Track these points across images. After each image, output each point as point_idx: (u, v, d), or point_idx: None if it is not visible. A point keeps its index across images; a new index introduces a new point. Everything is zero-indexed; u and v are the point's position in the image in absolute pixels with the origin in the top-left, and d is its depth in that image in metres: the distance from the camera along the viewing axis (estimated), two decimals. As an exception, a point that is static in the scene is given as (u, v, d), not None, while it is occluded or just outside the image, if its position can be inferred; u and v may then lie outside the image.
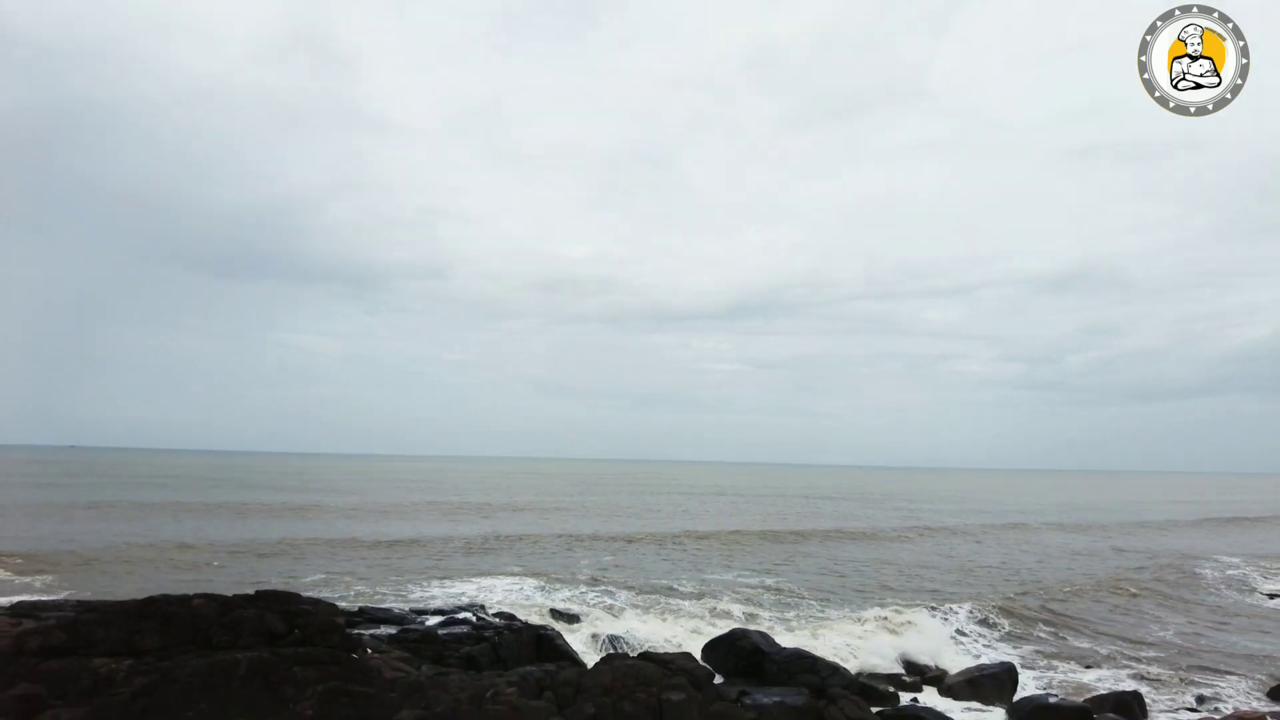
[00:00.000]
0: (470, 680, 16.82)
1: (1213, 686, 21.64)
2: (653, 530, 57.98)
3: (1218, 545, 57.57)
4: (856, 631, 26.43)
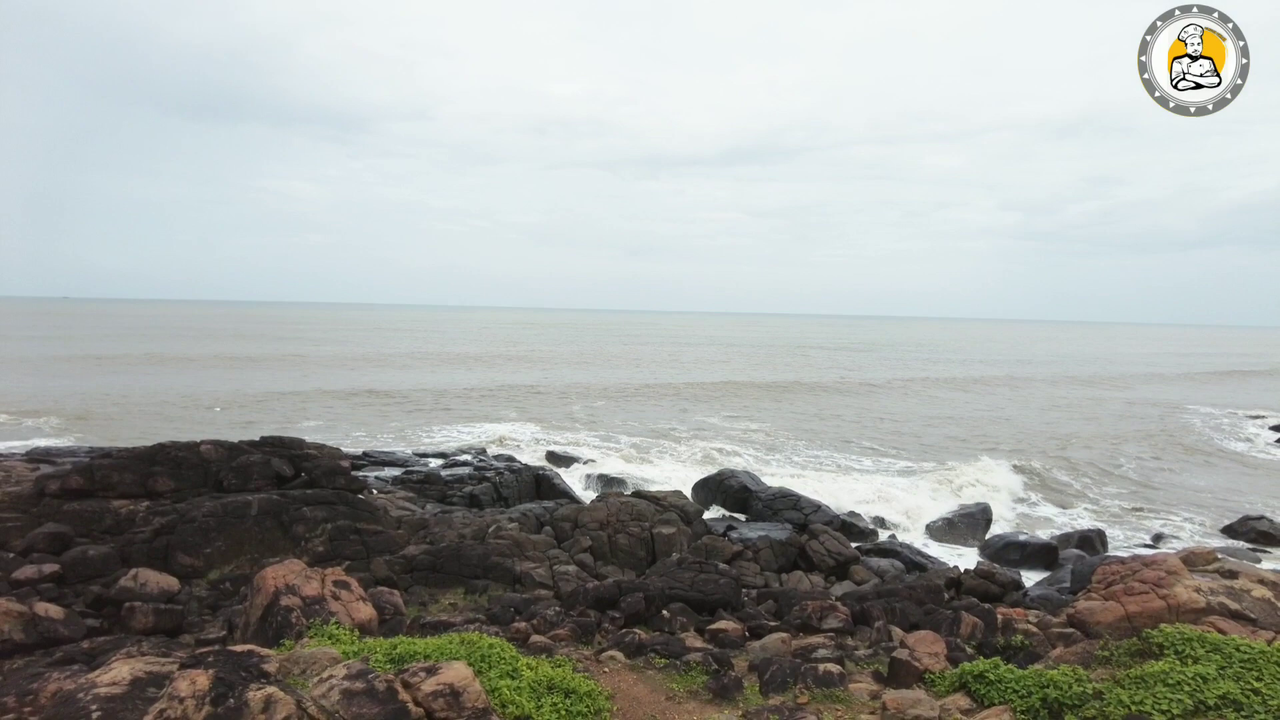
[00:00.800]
0: (473, 517, 17.77)
1: (1171, 523, 22.96)
2: (647, 379, 59.26)
3: (1204, 396, 59.24)
4: (840, 476, 27.65)
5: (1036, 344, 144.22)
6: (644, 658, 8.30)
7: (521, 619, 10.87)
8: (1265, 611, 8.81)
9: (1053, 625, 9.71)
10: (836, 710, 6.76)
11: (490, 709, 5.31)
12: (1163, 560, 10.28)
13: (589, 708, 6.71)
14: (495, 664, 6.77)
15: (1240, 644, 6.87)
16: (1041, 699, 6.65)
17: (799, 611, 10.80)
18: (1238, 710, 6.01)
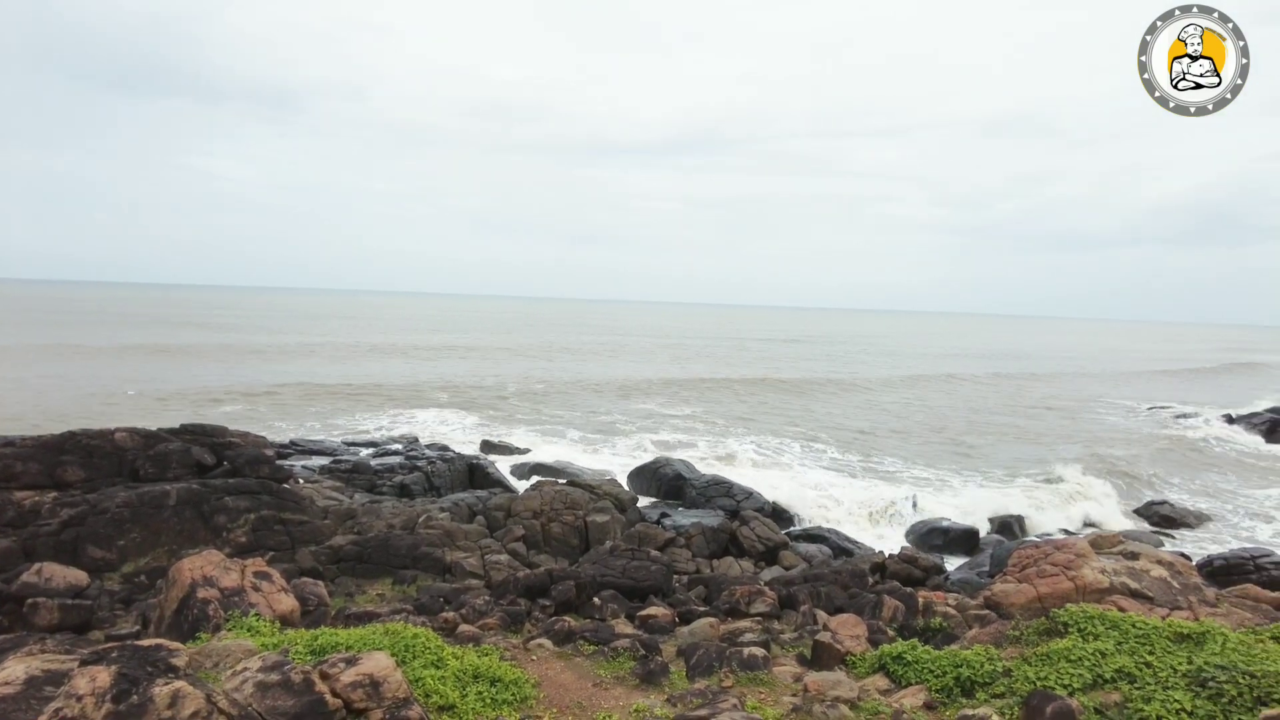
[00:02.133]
0: (403, 506, 17.50)
1: (1087, 509, 24.02)
2: (587, 368, 59.18)
3: (1124, 391, 62.07)
4: (773, 463, 28.15)
5: (966, 338, 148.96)
6: (572, 645, 8.32)
7: (450, 609, 10.76)
8: (1162, 590, 9.31)
9: (970, 607, 10.08)
10: (760, 693, 6.90)
11: (411, 699, 5.25)
12: (1072, 544, 10.77)
13: (515, 696, 6.70)
14: (419, 654, 6.70)
15: (1136, 621, 7.24)
16: (955, 678, 6.90)
17: (728, 596, 10.97)
18: (1131, 682, 6.34)
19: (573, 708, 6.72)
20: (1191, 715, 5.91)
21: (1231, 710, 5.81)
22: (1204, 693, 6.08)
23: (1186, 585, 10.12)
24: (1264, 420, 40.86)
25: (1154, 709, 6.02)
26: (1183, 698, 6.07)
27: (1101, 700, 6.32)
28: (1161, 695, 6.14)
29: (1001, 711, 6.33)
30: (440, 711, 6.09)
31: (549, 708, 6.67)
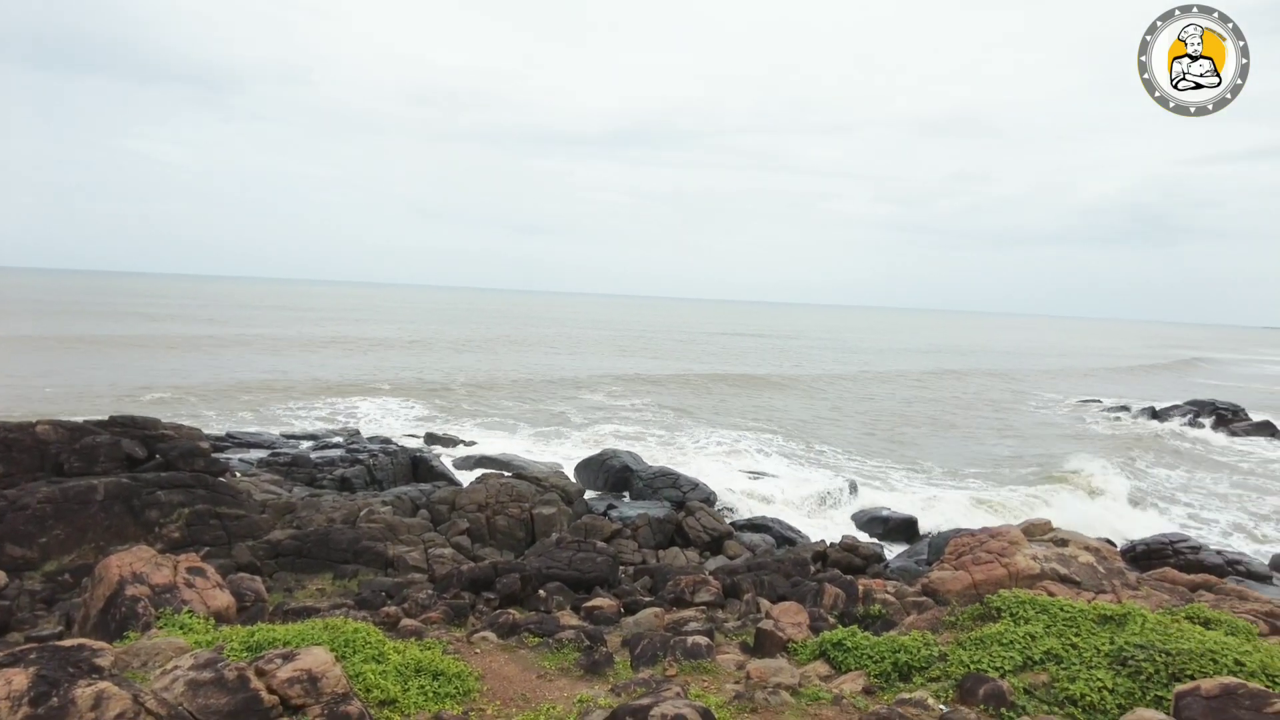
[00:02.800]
0: (344, 500, 17.17)
1: (1021, 494, 24.82)
2: (533, 361, 58.82)
3: (1058, 386, 64.19)
4: (719, 455, 28.42)
5: (909, 333, 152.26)
6: (517, 637, 8.28)
7: (392, 603, 10.61)
8: (1088, 575, 9.69)
9: (908, 594, 10.33)
10: (703, 680, 6.96)
11: (351, 694, 5.17)
12: (1006, 532, 11.11)
13: (458, 689, 6.64)
14: (360, 648, 6.60)
15: (1064, 605, 7.52)
16: (893, 663, 7.07)
17: (673, 586, 11.04)
18: (1058, 663, 6.58)
19: (516, 700, 6.70)
20: (1113, 692, 6.17)
21: (1149, 686, 6.08)
22: (1124, 671, 6.35)
23: (1111, 570, 10.55)
24: (1186, 412, 42.76)
25: (1078, 688, 6.26)
26: (1105, 676, 6.33)
27: (1031, 681, 6.55)
28: (1086, 674, 6.39)
29: (937, 695, 6.51)
30: (381, 706, 6.01)
31: (492, 700, 6.63)
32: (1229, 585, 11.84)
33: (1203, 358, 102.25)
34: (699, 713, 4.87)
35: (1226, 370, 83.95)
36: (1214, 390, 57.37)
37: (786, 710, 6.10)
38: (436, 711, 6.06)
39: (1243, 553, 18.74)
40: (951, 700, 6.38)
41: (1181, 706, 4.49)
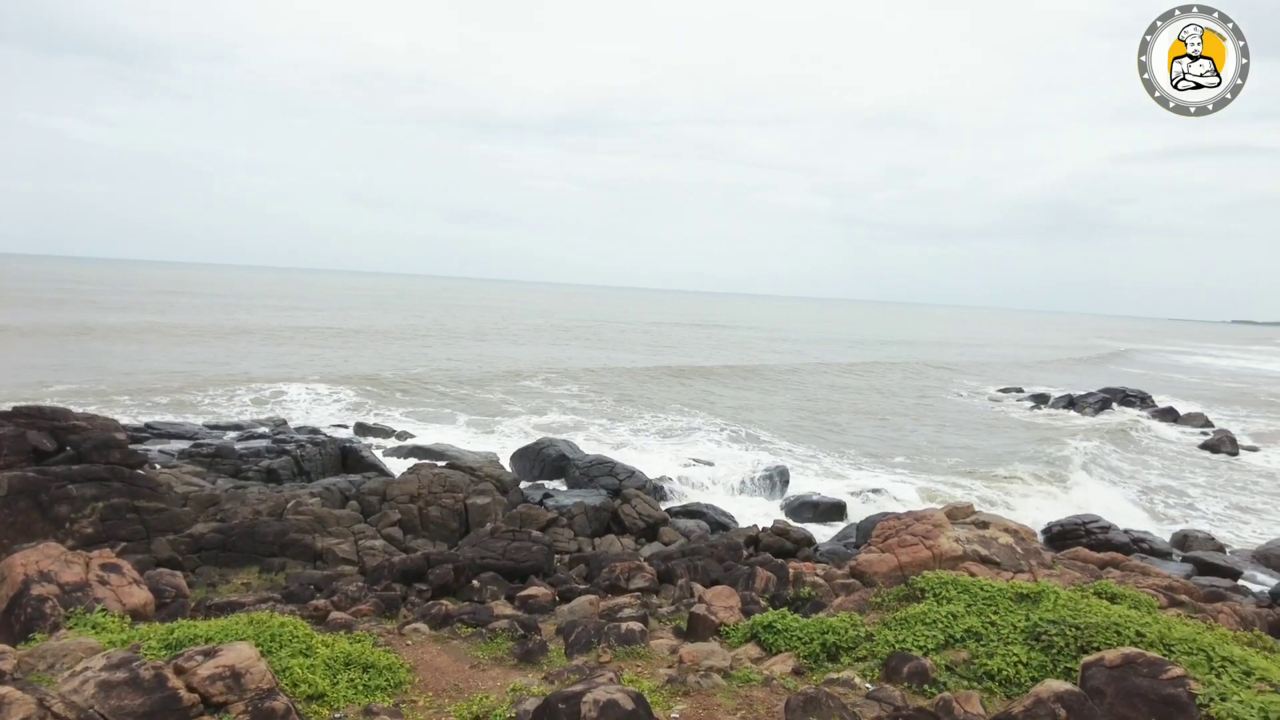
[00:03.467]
0: (271, 492, 16.70)
1: (945, 480, 25.68)
2: (472, 349, 58.07)
3: (983, 375, 66.39)
4: (657, 443, 28.60)
5: (847, 325, 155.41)
6: (450, 628, 8.20)
7: (321, 596, 10.39)
8: (1007, 555, 10.09)
9: (837, 577, 10.58)
10: (637, 666, 7.02)
11: (277, 689, 5.04)
12: (930, 515, 11.47)
13: (389, 681, 6.56)
14: (286, 643, 6.45)
15: (984, 584, 7.82)
16: (822, 644, 7.25)
17: (608, 573, 11.08)
18: (978, 640, 6.85)
19: (449, 690, 6.64)
20: (1027, 666, 6.46)
21: (1060, 659, 6.39)
22: (1038, 645, 6.65)
23: (1028, 550, 11.00)
24: (1100, 399, 44.81)
25: (996, 663, 6.53)
26: (1020, 651, 6.62)
27: (952, 658, 6.81)
28: (1003, 650, 6.67)
29: (864, 674, 6.71)
30: (310, 701, 5.89)
31: (424, 692, 6.57)
32: (1134, 562, 12.49)
33: (1117, 348, 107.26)
34: (631, 698, 4.91)
35: (1138, 360, 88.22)
36: (1126, 378, 60.26)
37: (718, 692, 6.20)
38: (367, 704, 5.97)
39: (1147, 532, 19.77)
40: (877, 679, 6.59)
41: (1087, 676, 4.73)
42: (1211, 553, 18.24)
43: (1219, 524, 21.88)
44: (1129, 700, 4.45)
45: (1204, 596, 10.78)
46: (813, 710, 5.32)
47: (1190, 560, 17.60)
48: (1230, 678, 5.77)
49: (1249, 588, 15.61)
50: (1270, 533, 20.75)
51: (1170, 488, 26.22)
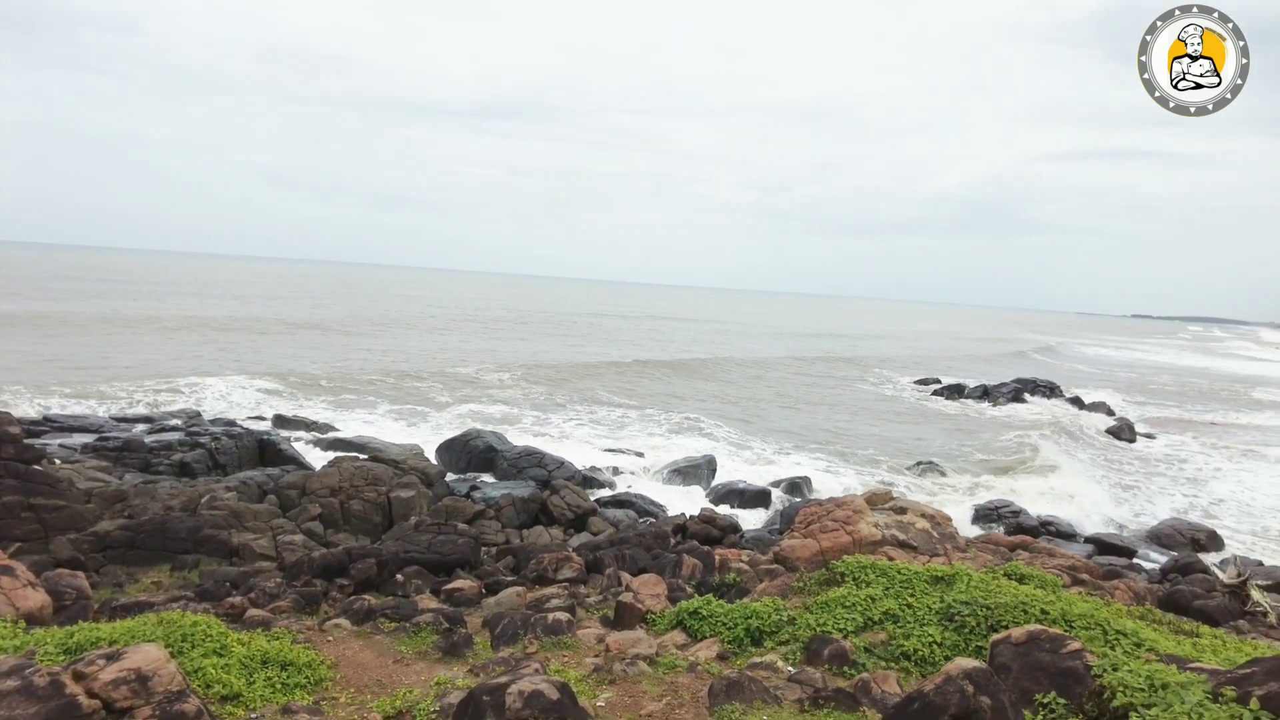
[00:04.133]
0: (183, 487, 16.05)
1: (866, 468, 26.45)
2: (399, 340, 56.82)
3: (903, 367, 68.39)
4: (586, 434, 28.59)
5: (775, 315, 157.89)
6: (372, 623, 8.05)
7: (238, 593, 10.06)
8: (924, 540, 10.46)
9: (761, 563, 10.80)
10: (563, 656, 7.02)
11: (188, 691, 4.86)
12: (850, 501, 11.79)
13: (309, 679, 6.40)
14: (199, 642, 6.23)
15: (901, 568, 8.09)
16: (746, 629, 7.39)
17: (536, 565, 11.04)
18: (895, 622, 7.08)
19: (372, 686, 6.52)
20: (941, 646, 6.71)
21: (971, 638, 6.67)
22: (951, 626, 6.92)
23: (944, 535, 11.43)
24: (1012, 389, 46.77)
25: (912, 644, 6.77)
26: (935, 631, 6.88)
27: (871, 640, 7.02)
28: (919, 631, 6.92)
29: (786, 657, 6.87)
30: (223, 702, 5.70)
31: (346, 688, 6.43)
32: (1042, 545, 13.12)
33: (1028, 340, 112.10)
34: (556, 687, 4.91)
35: (1048, 351, 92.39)
36: (1036, 369, 63.07)
37: (644, 680, 6.25)
38: (285, 703, 5.82)
39: (1055, 515, 20.77)
40: (799, 662, 6.75)
41: (995, 653, 4.95)
42: (1110, 533, 19.31)
43: (1118, 505, 23.13)
44: (1032, 674, 4.68)
45: (1103, 575, 11.41)
46: (735, 694, 5.42)
47: (1091, 541, 18.59)
48: (1123, 649, 6.13)
49: (1143, 565, 16.59)
50: (1162, 513, 22.06)
51: (1077, 472, 27.58)
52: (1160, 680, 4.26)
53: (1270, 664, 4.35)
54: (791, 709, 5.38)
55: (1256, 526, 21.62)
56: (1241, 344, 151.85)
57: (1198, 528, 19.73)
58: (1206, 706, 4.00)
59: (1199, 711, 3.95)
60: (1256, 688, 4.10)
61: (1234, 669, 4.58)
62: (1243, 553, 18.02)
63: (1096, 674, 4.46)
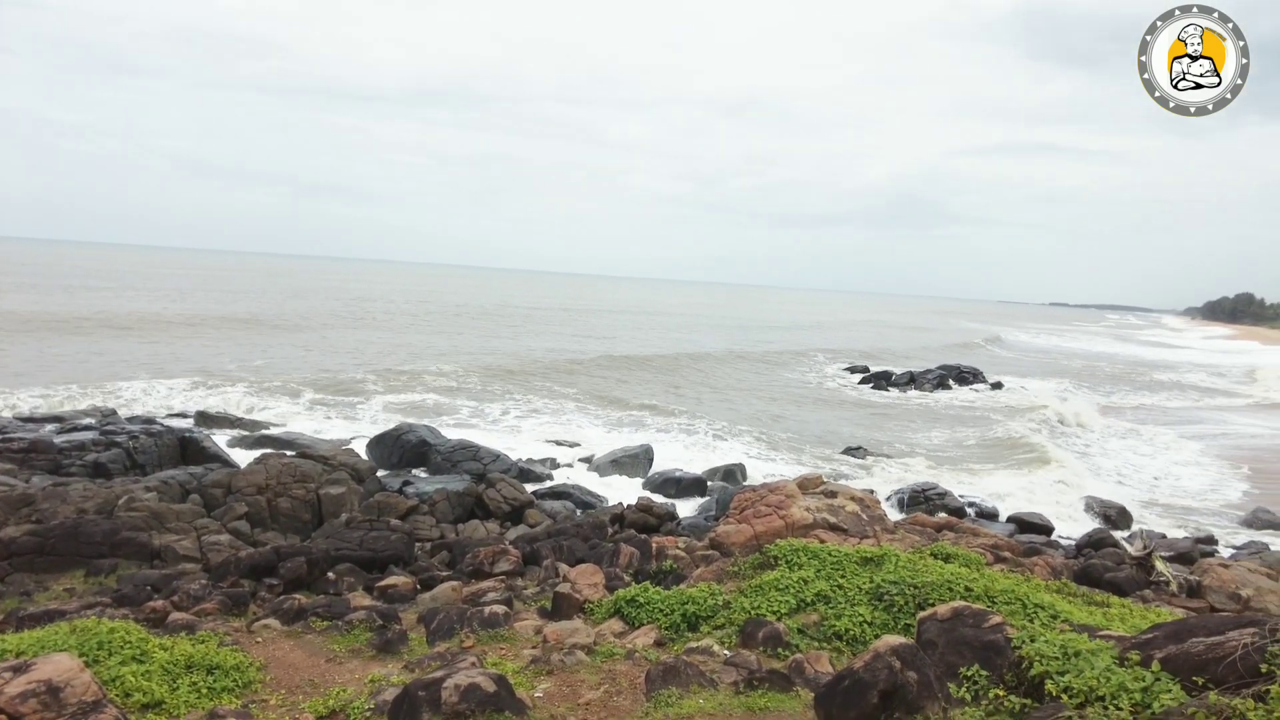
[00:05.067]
0: (98, 488, 15.35)
1: (798, 454, 26.98)
2: (327, 332, 55.32)
3: (832, 355, 69.80)
4: (522, 426, 28.40)
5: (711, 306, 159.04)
6: (303, 622, 7.87)
7: (160, 597, 9.69)
8: (854, 522, 10.73)
9: (697, 549, 10.91)
10: (500, 649, 6.99)
11: (104, 701, 4.67)
12: (783, 486, 12.01)
13: (236, 681, 6.23)
14: (117, 650, 5.99)
15: (832, 550, 8.29)
16: (682, 615, 7.47)
17: (472, 559, 10.94)
18: (827, 603, 7.26)
19: (304, 686, 6.38)
20: (871, 625, 6.91)
21: (900, 616, 6.88)
22: (881, 605, 7.13)
23: (873, 517, 11.74)
24: (937, 375, 48.31)
25: (843, 623, 6.96)
26: (865, 611, 7.08)
27: (804, 621, 7.18)
28: (850, 611, 7.11)
29: (722, 641, 6.97)
30: (145, 710, 5.51)
31: (277, 689, 6.28)
32: (966, 524, 13.62)
33: (953, 328, 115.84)
34: (493, 680, 4.89)
35: (970, 339, 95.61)
36: (960, 356, 65.25)
37: (582, 669, 6.27)
38: (211, 708, 5.64)
39: (978, 496, 21.57)
40: (735, 645, 6.86)
41: (922, 630, 5.12)
42: (1029, 512, 20.14)
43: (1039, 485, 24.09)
44: (956, 649, 4.86)
45: (1023, 552, 11.90)
46: (672, 679, 5.48)
47: (1013, 520, 19.37)
48: (1040, 622, 6.42)
49: (1060, 541, 17.37)
50: (1079, 492, 23.08)
51: (998, 451, 28.66)
52: (1073, 649, 4.48)
53: (1169, 628, 4.62)
54: (727, 691, 5.47)
55: (1159, 498, 22.87)
56: (1156, 331, 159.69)
57: (1109, 504, 20.75)
58: (1113, 670, 4.23)
59: (1106, 675, 4.17)
60: (1157, 650, 4.35)
61: (1138, 635, 4.85)
62: (1149, 526, 19.05)
63: (1016, 646, 4.66)
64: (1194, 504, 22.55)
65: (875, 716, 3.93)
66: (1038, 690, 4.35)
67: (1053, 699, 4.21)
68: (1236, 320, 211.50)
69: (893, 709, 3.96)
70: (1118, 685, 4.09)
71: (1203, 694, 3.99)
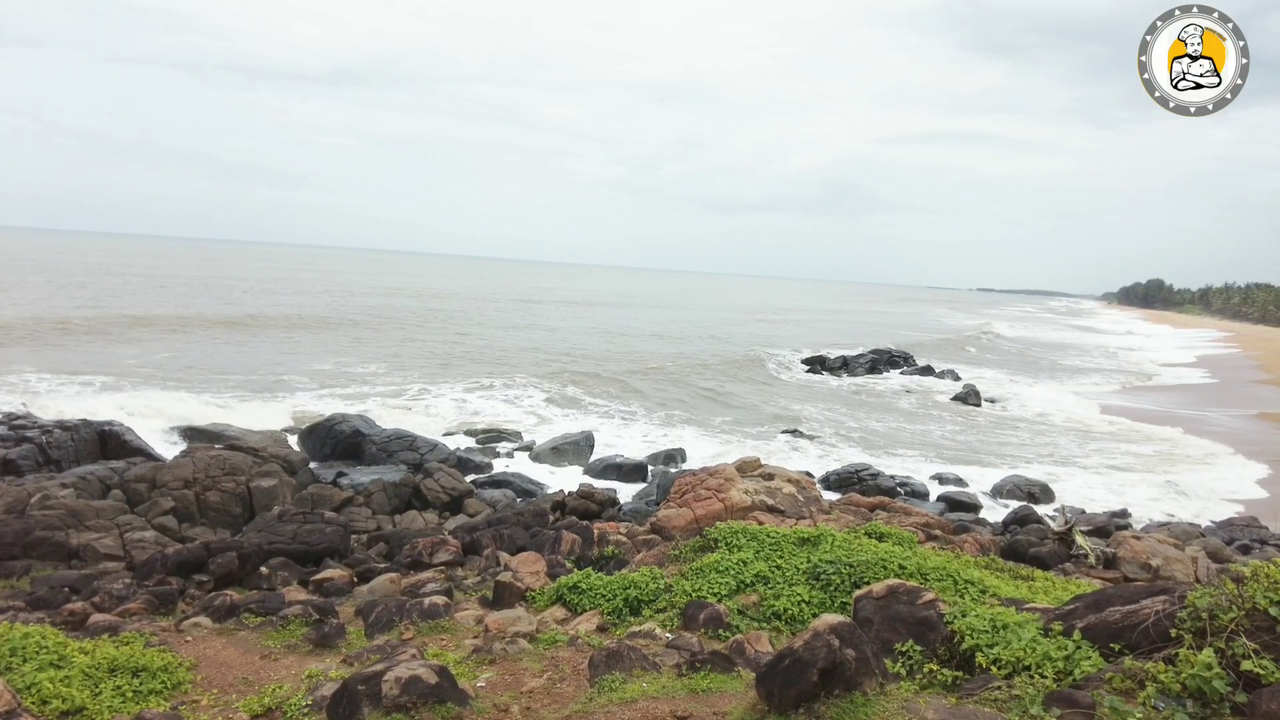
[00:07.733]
0: (9, 487, 14.58)
1: (736, 437, 27.31)
2: (250, 319, 53.52)
3: (766, 340, 70.65)
4: (460, 414, 28.04)
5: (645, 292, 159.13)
6: (236, 619, 7.65)
7: (79, 598, 9.28)
8: (791, 504, 10.94)
9: (639, 534, 10.98)
10: (441, 639, 6.92)
11: (19, 710, 4.46)
12: (722, 470, 12.16)
13: (165, 683, 6.01)
14: (31, 656, 5.73)
15: (770, 531, 8.43)
16: (624, 599, 7.50)
17: (410, 550, 10.79)
18: (765, 584, 7.39)
19: (237, 684, 6.21)
20: (809, 604, 7.06)
21: (837, 595, 7.05)
22: (818, 584, 7.29)
23: (809, 498, 11.99)
24: (869, 359, 49.46)
25: (782, 603, 7.09)
26: (803, 591, 7.23)
27: (744, 602, 7.30)
28: (788, 591, 7.25)
29: (664, 624, 7.03)
30: (65, 717, 5.28)
31: (208, 689, 6.09)
32: (898, 504, 14.01)
33: (884, 313, 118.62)
34: (435, 671, 4.83)
35: (900, 323, 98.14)
36: (891, 339, 66.88)
37: (524, 657, 6.25)
38: (138, 712, 5.43)
39: (910, 475, 22.19)
40: (677, 628, 6.93)
41: (859, 608, 5.26)
42: (959, 490, 20.83)
43: (968, 464, 24.95)
44: (892, 625, 5.01)
45: (953, 530, 12.32)
46: (615, 664, 5.51)
47: (943, 499, 20.00)
48: (971, 597, 6.66)
49: (988, 519, 18.03)
50: (1005, 471, 23.98)
51: (929, 432, 29.58)
52: (1001, 622, 4.66)
53: (1089, 599, 4.85)
54: (670, 674, 5.52)
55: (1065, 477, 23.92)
56: (1091, 319, 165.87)
57: (1033, 482, 21.59)
58: (1039, 641, 4.42)
59: (1032, 646, 4.36)
60: (1079, 620, 4.57)
61: (1061, 606, 5.07)
62: (1072, 502, 19.92)
63: (948, 621, 4.83)
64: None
65: (815, 694, 4.02)
66: (969, 663, 4.52)
67: (983, 670, 4.38)
68: (1149, 305, 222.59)
69: (832, 686, 4.06)
70: (1042, 655, 4.28)
71: (1119, 659, 4.21)
